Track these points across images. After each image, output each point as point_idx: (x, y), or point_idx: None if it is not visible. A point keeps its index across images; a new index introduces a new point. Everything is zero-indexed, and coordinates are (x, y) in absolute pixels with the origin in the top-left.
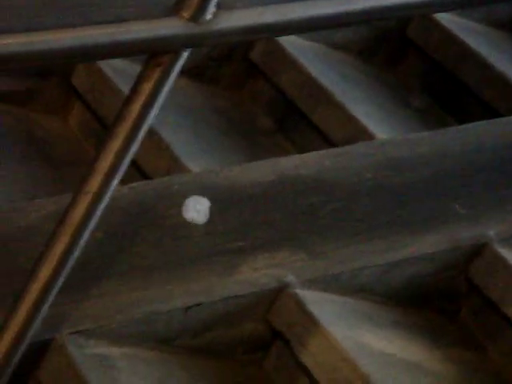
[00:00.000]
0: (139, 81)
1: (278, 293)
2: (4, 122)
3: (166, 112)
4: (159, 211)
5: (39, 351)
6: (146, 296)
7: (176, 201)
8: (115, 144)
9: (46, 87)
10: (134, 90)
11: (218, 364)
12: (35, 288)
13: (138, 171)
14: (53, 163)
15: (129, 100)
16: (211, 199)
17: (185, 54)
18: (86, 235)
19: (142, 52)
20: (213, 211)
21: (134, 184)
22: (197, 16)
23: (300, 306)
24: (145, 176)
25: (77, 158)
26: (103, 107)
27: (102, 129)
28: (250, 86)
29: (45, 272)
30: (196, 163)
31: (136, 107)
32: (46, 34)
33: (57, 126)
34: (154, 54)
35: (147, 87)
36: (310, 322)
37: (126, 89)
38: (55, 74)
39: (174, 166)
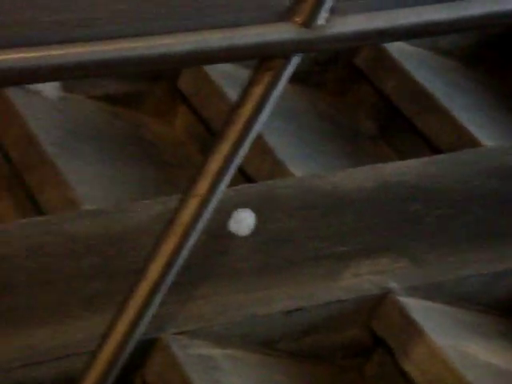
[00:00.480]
0: (249, 85)
1: (381, 299)
2: (115, 124)
3: (270, 116)
4: (262, 214)
5: (145, 350)
6: (248, 299)
7: (279, 204)
8: (224, 147)
9: (154, 90)
10: (244, 93)
11: (317, 368)
12: (144, 288)
13: (241, 174)
14: (159, 165)
15: (238, 104)
16: (314, 204)
17: (296, 59)
18: (194, 237)
19: (255, 56)
20: (315, 216)
21: (238, 186)
22: (309, 21)
23: (403, 313)
24: (248, 179)
25: (182, 160)
26: (208, 110)
27: (207, 132)
28: (354, 92)
29: (154, 272)
30: (299, 167)
31: (245, 111)
32: (162, 38)
33: (163, 129)
34: (266, 58)
35: (257, 91)
36: (414, 330)
37: (231, 92)
38: (163, 77)
39: (277, 169)
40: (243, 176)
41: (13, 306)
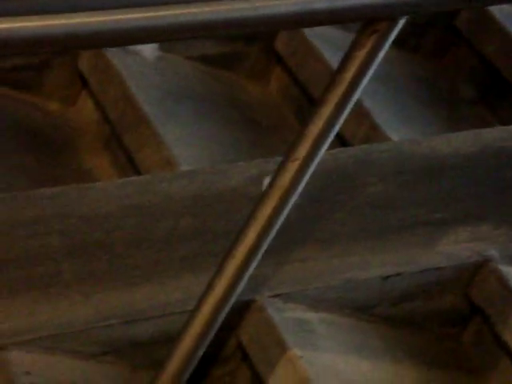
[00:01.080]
0: (353, 48)
1: (480, 267)
2: (211, 85)
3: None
4: (358, 179)
5: (240, 311)
6: (344, 263)
7: (375, 169)
8: (325, 111)
9: (250, 51)
10: (348, 56)
11: (413, 335)
12: (242, 250)
13: (336, 137)
14: (253, 127)
15: (341, 67)
16: (411, 169)
17: (401, 22)
18: (293, 200)
19: (360, 19)
20: (412, 181)
21: (334, 150)
22: None
23: (502, 282)
24: (343, 142)
25: (276, 122)
26: (304, 72)
27: (302, 94)
28: (452, 55)
29: (252, 234)
30: (395, 132)
31: (348, 74)
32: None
33: (258, 91)
34: (371, 21)
35: (361, 55)
36: None
37: (327, 54)
38: (259, 38)
39: (373, 133)
40: (339, 140)
41: (111, 265)
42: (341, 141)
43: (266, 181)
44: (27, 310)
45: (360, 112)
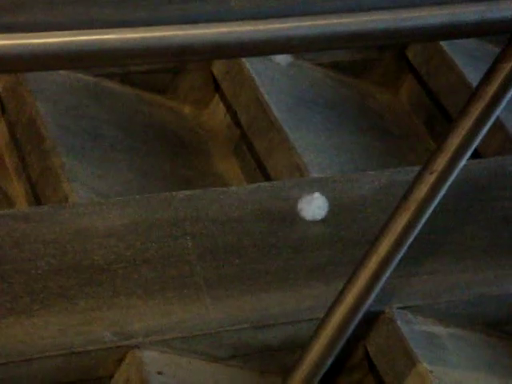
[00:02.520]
0: (499, 60)
1: None
2: (341, 92)
3: None
4: (491, 191)
5: (369, 321)
6: (476, 278)
7: (509, 182)
8: (466, 124)
9: (380, 59)
10: (492, 69)
11: None
12: (374, 260)
13: None
14: (383, 136)
15: (485, 79)
16: None
17: None
18: (428, 212)
19: (508, 31)
20: None
21: (466, 162)
22: None
23: None
24: (476, 154)
25: (406, 131)
26: (436, 82)
27: (433, 104)
28: None
29: (385, 245)
30: None
31: (492, 88)
32: (413, 11)
33: (388, 99)
34: None
35: (507, 67)
36: None
37: (461, 64)
38: (391, 46)
39: (508, 146)
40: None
41: (242, 270)
42: (473, 152)
43: None
44: (161, 310)
45: (494, 123)
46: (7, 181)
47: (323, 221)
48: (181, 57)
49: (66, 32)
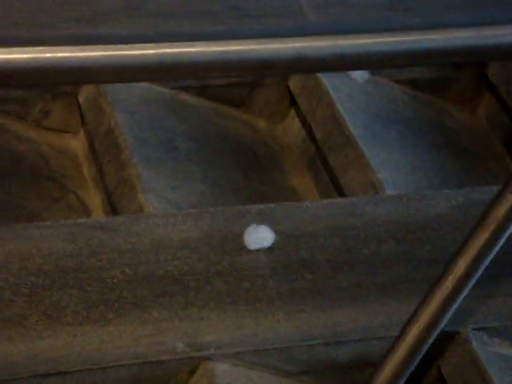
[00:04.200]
0: None
1: None
2: (418, 110)
3: None
4: None
5: (443, 342)
6: None
7: None
8: None
9: (459, 77)
10: None
11: None
12: (451, 280)
13: None
14: (459, 154)
15: None
16: None
17: None
18: (507, 233)
19: None
20: None
21: None
22: None
23: None
24: None
25: (483, 150)
26: None
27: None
28: None
29: (462, 265)
30: None
31: None
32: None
33: (465, 117)
34: None
35: None
36: None
37: None
38: (469, 64)
39: None
40: None
41: (314, 285)
42: None
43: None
44: (233, 323)
45: None
46: (85, 190)
47: (396, 238)
48: (260, 71)
49: (148, 45)
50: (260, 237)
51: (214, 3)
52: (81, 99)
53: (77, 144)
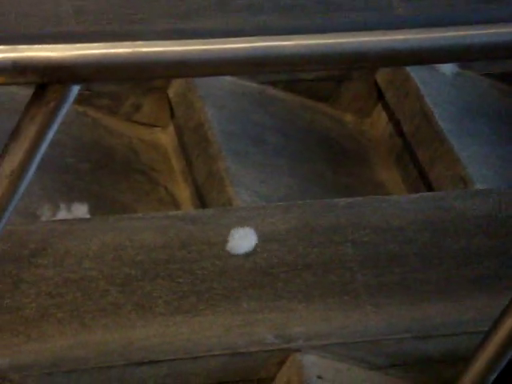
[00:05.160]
0: None
1: None
2: (505, 103)
3: None
4: None
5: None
6: None
7: None
8: None
9: None
10: None
11: None
12: None
13: None
14: None
15: None
16: None
17: None
18: None
19: None
20: None
21: None
22: None
23: None
24: None
25: None
26: None
27: None
28: None
29: None
30: None
31: None
32: None
33: None
34: None
35: None
36: None
37: None
38: None
39: None
40: None
41: (403, 278)
42: None
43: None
44: (321, 315)
45: None
46: (174, 183)
47: (487, 233)
48: (352, 64)
49: (242, 39)
50: None
51: None
52: (170, 94)
53: (166, 138)
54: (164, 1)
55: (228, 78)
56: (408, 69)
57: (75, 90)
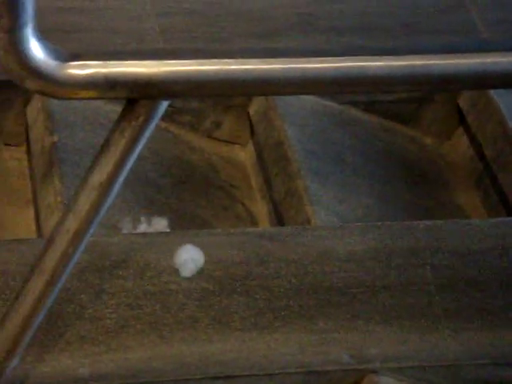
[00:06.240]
0: None
1: None
2: None
3: None
4: None
5: None
6: None
7: None
8: None
9: None
10: None
11: None
12: None
13: None
14: None
15: None
16: None
17: None
18: None
19: None
20: None
21: None
22: None
23: None
24: None
25: None
26: None
27: None
28: None
29: None
30: None
31: None
32: None
33: None
34: None
35: None
36: None
37: None
38: None
39: None
40: None
41: (482, 303)
42: None
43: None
44: (398, 337)
45: None
46: (252, 200)
47: None
48: (440, 86)
49: (327, 58)
50: None
51: (385, 19)
52: (251, 112)
53: (245, 155)
54: (247, 20)
55: (309, 97)
56: (491, 92)
57: (164, 105)
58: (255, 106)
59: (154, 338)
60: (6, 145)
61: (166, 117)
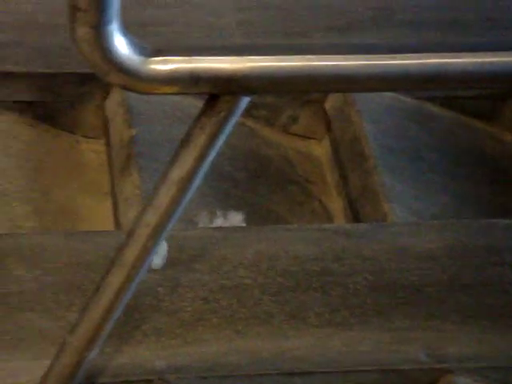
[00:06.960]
0: None
1: None
2: None
3: None
4: None
5: None
6: None
7: None
8: None
9: None
10: None
11: None
12: None
13: None
14: None
15: None
16: None
17: None
18: None
19: None
20: None
21: None
22: None
23: None
24: None
25: None
26: None
27: None
28: None
29: None
30: None
31: None
32: None
33: None
34: None
35: None
36: None
37: None
38: None
39: None
40: None
41: None
42: None
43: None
44: (476, 338)
45: None
46: (327, 196)
47: None
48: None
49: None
50: None
51: (462, 13)
52: (327, 107)
53: (321, 150)
54: (323, 14)
55: (386, 93)
56: None
57: (245, 101)
58: (331, 102)
59: (229, 333)
60: (83, 137)
61: (243, 111)
